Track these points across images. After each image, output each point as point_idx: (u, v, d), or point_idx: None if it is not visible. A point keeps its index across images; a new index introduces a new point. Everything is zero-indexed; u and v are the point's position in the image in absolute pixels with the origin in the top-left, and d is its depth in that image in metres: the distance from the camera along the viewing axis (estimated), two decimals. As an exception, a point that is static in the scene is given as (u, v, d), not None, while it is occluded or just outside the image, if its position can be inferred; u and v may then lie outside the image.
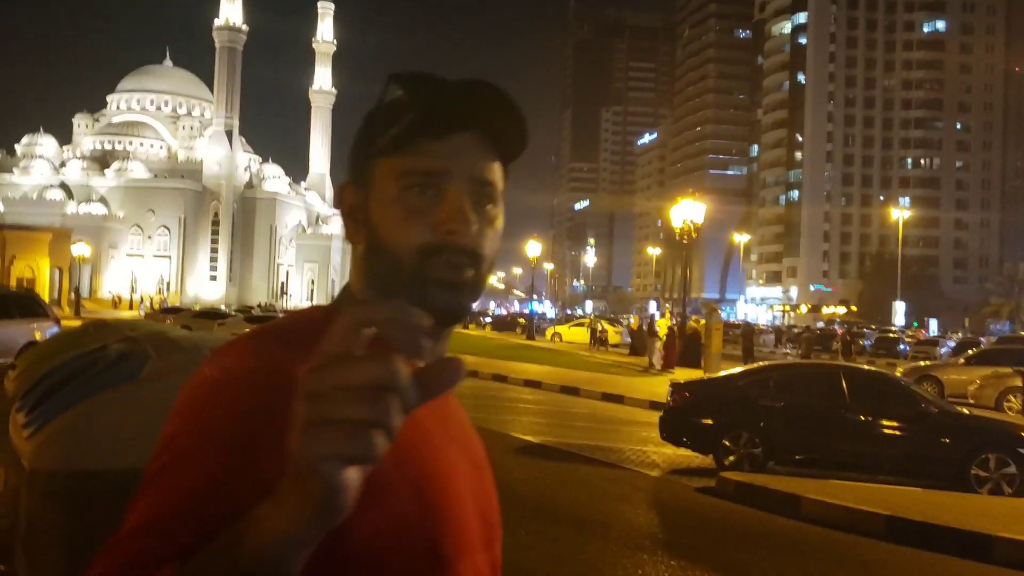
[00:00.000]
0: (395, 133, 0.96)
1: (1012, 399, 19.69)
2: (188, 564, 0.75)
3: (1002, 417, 15.16)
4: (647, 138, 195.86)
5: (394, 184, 0.97)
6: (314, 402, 0.63)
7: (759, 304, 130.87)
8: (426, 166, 0.96)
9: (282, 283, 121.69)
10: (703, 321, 30.96)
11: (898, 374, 19.28)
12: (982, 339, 49.86)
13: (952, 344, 42.01)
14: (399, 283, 0.96)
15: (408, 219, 0.96)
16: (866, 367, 13.06)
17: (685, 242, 28.90)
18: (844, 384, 11.11)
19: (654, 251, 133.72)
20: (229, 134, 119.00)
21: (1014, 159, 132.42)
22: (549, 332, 52.88)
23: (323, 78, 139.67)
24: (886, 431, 10.74)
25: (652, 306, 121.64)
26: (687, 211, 28.39)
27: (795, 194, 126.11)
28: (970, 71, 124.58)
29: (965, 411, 11.98)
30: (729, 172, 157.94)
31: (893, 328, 63.98)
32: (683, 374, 21.50)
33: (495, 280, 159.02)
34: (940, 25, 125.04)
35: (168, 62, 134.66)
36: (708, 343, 22.52)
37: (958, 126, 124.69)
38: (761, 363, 15.25)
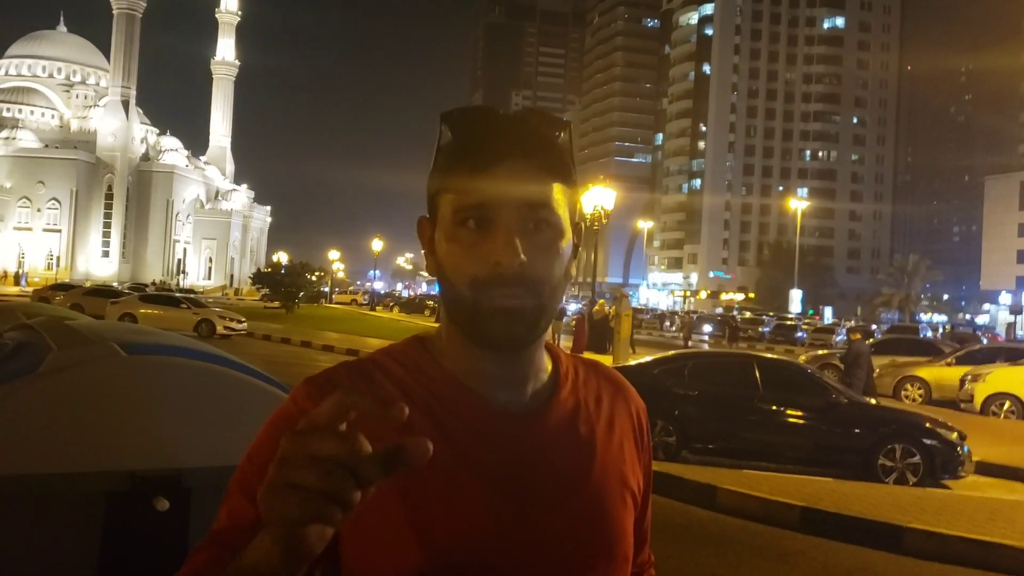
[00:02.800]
0: (446, 171, 1.01)
1: (909, 387, 20.40)
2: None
3: (906, 407, 15.59)
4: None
5: (451, 219, 1.00)
6: (281, 464, 0.69)
7: (661, 289, 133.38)
8: (474, 200, 0.98)
9: (179, 260, 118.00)
10: (612, 306, 31.30)
11: (800, 361, 19.71)
12: (874, 327, 51.86)
13: (843, 332, 43.43)
14: (462, 314, 1.01)
15: (463, 253, 0.99)
16: (778, 356, 13.19)
17: (596, 228, 28.98)
18: (757, 373, 11.19)
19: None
20: (125, 104, 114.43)
21: (905, 154, 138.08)
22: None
23: (226, 49, 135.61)
24: (797, 421, 10.88)
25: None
26: (598, 197, 28.44)
27: (697, 183, 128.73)
28: (867, 68, 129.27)
29: (872, 401, 12.23)
30: (634, 159, 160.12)
31: (790, 316, 65.91)
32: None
33: (402, 261, 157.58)
34: (839, 22, 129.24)
35: (62, 27, 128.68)
36: (618, 329, 22.59)
37: (854, 120, 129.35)
38: (676, 351, 15.33)
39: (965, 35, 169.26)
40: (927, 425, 10.72)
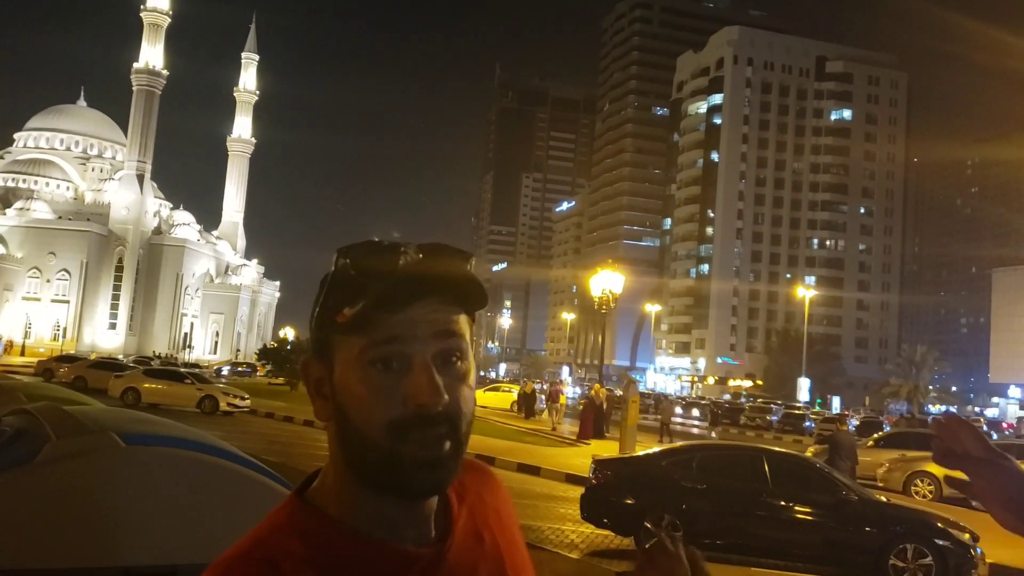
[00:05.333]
0: (351, 314, 0.94)
1: (919, 483, 19.98)
2: None
3: (918, 505, 15.28)
4: (565, 206, 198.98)
5: (357, 361, 0.95)
6: None
7: (668, 374, 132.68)
8: (385, 339, 0.94)
9: (185, 333, 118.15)
10: (603, 390, 31.09)
11: (809, 454, 19.39)
12: (882, 418, 51.33)
13: (855, 422, 42.95)
14: (373, 464, 0.94)
15: (375, 397, 0.93)
16: (787, 451, 12.98)
17: (603, 311, 29.05)
18: (766, 468, 10.99)
19: (568, 316, 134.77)
20: (140, 178, 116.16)
21: (912, 245, 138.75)
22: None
23: (243, 127, 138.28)
24: (806, 517, 10.64)
25: (565, 371, 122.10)
26: (606, 281, 28.61)
27: (705, 268, 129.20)
28: (873, 159, 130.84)
29: (883, 499, 11.98)
30: (642, 243, 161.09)
31: (799, 404, 65.32)
32: (600, 447, 21.25)
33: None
34: (847, 114, 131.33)
35: (82, 102, 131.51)
36: (625, 416, 22.39)
37: (861, 210, 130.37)
38: (684, 443, 15.12)
39: (971, 128, 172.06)
40: (939, 525, 10.47)
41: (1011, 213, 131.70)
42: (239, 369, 72.02)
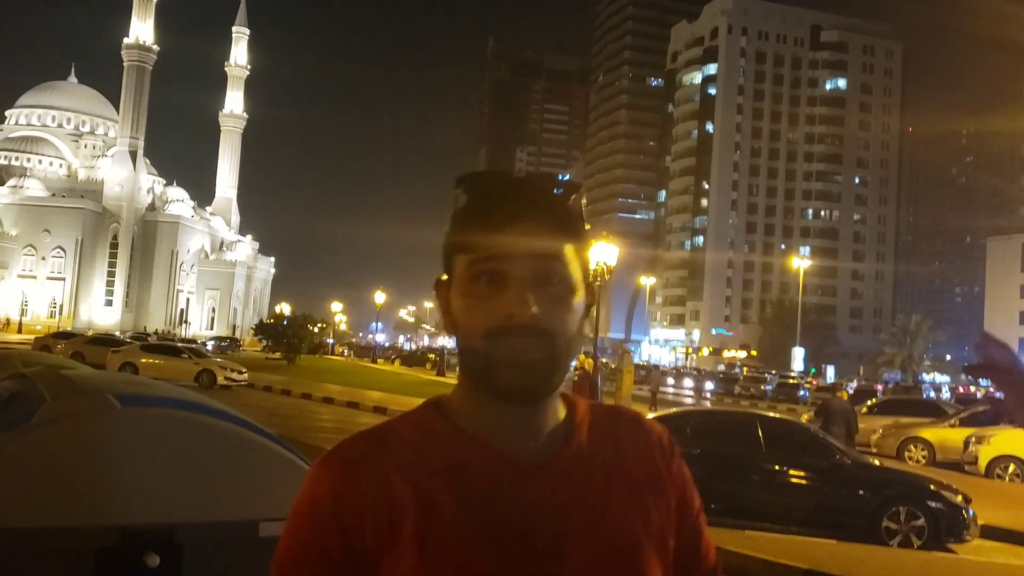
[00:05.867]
0: (461, 233, 1.07)
1: (912, 448, 20.20)
2: None
3: (910, 469, 15.43)
4: (565, 178, 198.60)
5: (466, 276, 1.06)
6: None
7: (663, 346, 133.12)
8: (487, 256, 1.04)
9: (181, 310, 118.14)
10: (589, 360, 31.00)
11: (803, 420, 19.54)
12: (877, 387, 51.61)
13: (850, 391, 43.21)
14: (476, 367, 1.06)
15: (476, 307, 1.04)
16: (781, 416, 13.09)
17: (599, 283, 29.10)
18: (760, 433, 11.08)
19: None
20: (133, 154, 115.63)
21: (907, 215, 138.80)
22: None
23: (234, 102, 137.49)
24: (801, 481, 10.74)
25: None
26: (601, 253, 28.60)
27: (700, 240, 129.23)
28: (868, 129, 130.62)
29: (876, 463, 12.10)
30: (637, 216, 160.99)
31: (793, 374, 65.66)
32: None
33: (404, 313, 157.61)
34: (841, 84, 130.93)
35: (73, 79, 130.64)
36: (619, 385, 22.50)
37: (856, 181, 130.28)
38: (679, 409, 15.22)
39: (965, 98, 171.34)
40: (932, 487, 10.58)
41: (1005, 182, 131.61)
42: (223, 344, 72.97)
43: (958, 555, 9.94)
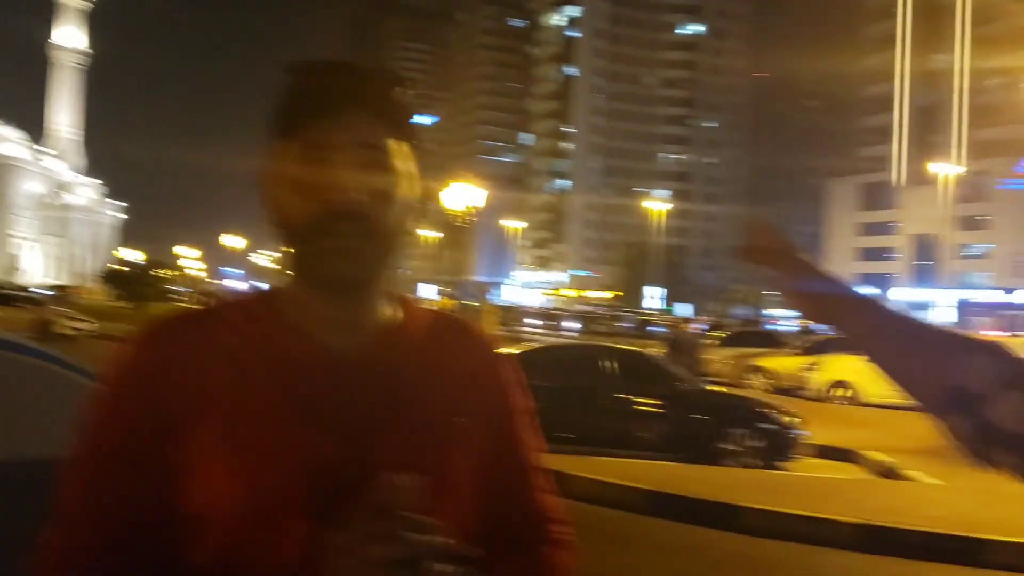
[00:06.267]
0: (283, 119, 1.05)
1: (754, 377, 21.42)
2: None
3: (747, 393, 16.29)
4: (427, 120, 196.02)
5: (287, 162, 1.03)
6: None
7: (529, 287, 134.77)
8: (309, 143, 1.02)
9: (13, 255, 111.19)
10: (447, 301, 31.23)
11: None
12: (725, 320, 53.98)
13: (704, 326, 45.10)
14: (299, 255, 1.04)
15: (297, 192, 1.02)
16: (628, 347, 13.54)
17: (466, 226, 29.07)
18: (607, 364, 11.46)
19: (430, 233, 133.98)
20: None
21: (757, 157, 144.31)
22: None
23: (69, 34, 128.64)
24: (646, 408, 11.20)
25: (421, 288, 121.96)
26: (469, 196, 28.52)
27: (563, 183, 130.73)
28: (721, 73, 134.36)
29: (714, 388, 12.73)
30: (501, 159, 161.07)
31: (651, 311, 67.90)
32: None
33: (255, 257, 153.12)
34: (697, 28, 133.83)
35: None
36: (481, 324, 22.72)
37: (709, 124, 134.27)
38: (532, 344, 15.51)
39: (811, 44, 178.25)
40: (764, 410, 11.24)
41: (844, 125, 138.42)
42: (56, 292, 69.71)
43: (789, 472, 10.63)
